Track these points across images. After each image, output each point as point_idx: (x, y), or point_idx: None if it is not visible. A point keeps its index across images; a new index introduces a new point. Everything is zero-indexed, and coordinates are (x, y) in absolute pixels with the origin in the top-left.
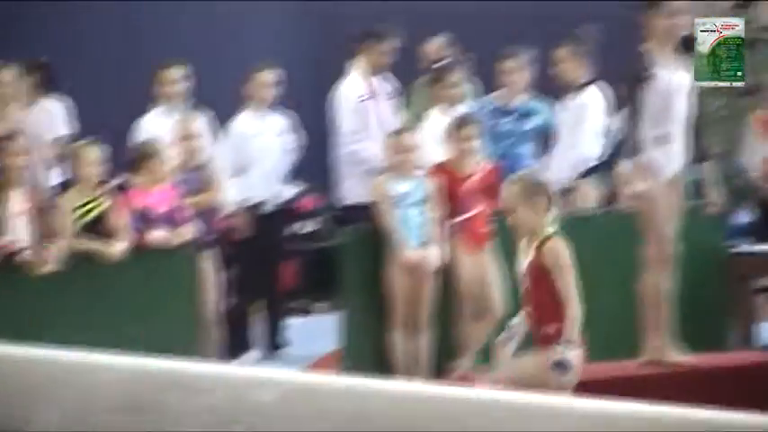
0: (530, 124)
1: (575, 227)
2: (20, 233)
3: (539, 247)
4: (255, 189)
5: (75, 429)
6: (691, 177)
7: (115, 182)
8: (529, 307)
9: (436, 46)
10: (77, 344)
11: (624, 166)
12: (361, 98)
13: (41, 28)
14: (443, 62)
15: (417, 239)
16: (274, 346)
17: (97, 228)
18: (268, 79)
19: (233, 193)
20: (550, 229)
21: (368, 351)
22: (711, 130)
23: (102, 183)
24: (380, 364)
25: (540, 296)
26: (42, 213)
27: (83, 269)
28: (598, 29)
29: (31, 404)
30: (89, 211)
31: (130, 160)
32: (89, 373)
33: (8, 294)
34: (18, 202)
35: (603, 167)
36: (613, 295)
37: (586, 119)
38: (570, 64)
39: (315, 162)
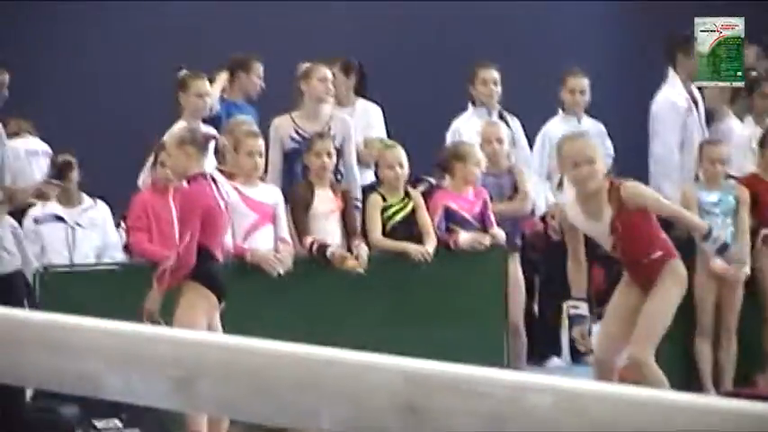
0: None
1: None
2: (327, 231)
3: (616, 198)
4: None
5: (350, 428)
6: None
7: (424, 183)
8: (625, 251)
9: (750, 56)
10: (380, 344)
11: None
12: (685, 108)
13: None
14: (755, 73)
15: None
16: (580, 352)
17: (404, 228)
18: (580, 85)
19: (544, 197)
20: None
21: (673, 359)
22: None
23: (410, 183)
24: (686, 372)
25: (640, 235)
26: (350, 213)
27: (390, 269)
28: None
29: (311, 401)
30: (397, 211)
31: (442, 161)
32: (368, 373)
33: (314, 291)
34: (326, 200)
35: None
36: None
37: None
38: None
39: (626, 168)
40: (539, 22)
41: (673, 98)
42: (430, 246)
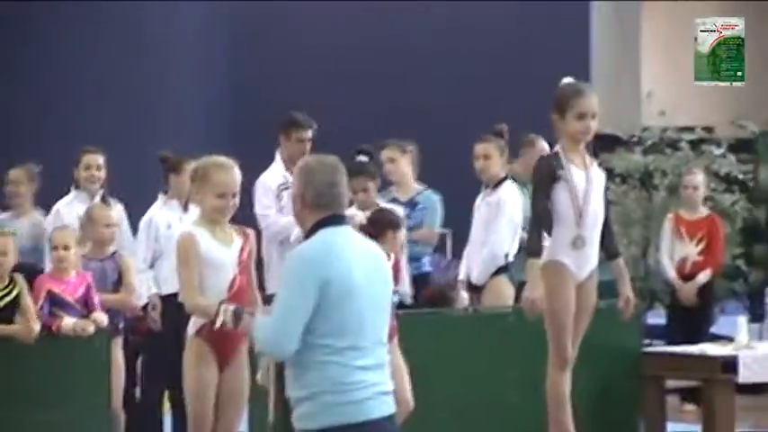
0: (420, 216)
1: (488, 324)
2: None
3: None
4: (167, 281)
5: None
6: (605, 277)
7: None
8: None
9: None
10: None
11: (529, 269)
12: (281, 186)
13: None
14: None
15: None
16: None
17: (10, 312)
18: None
19: (147, 284)
20: None
21: None
22: (627, 230)
23: (14, 268)
24: None
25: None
26: None
27: None
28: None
29: None
30: (2, 297)
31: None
32: None
33: None
34: None
35: (517, 265)
36: (524, 393)
37: (503, 215)
38: (491, 160)
39: None
40: (139, 107)
41: (268, 180)
42: (33, 325)
